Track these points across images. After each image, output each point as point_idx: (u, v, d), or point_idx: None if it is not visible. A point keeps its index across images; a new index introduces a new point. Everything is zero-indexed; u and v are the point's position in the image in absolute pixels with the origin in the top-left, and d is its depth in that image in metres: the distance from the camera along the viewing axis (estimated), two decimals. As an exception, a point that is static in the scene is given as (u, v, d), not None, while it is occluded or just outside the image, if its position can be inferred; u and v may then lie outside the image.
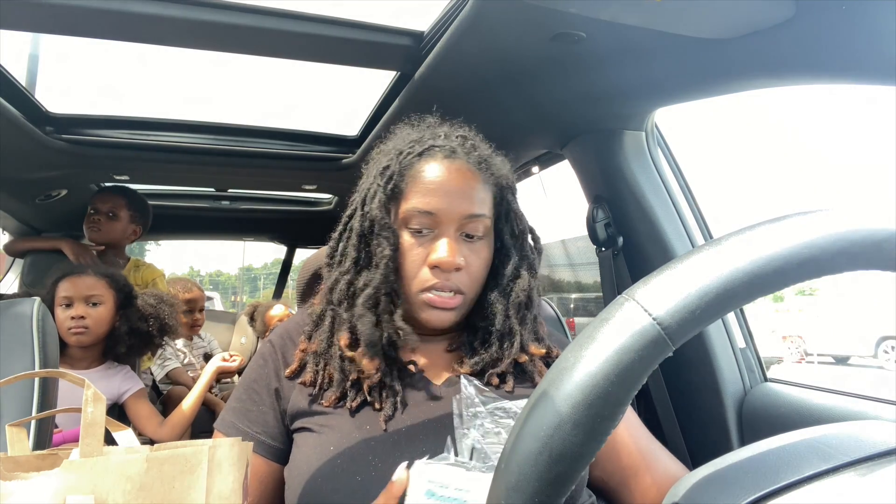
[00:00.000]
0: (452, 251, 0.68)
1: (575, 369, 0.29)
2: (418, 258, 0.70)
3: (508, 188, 0.76)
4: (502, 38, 0.99)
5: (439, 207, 0.69)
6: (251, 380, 0.75)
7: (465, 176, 0.71)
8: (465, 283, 0.70)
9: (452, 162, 0.72)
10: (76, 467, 0.39)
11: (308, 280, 1.31)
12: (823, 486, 0.29)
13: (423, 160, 0.72)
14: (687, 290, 0.29)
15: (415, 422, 0.68)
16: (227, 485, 0.46)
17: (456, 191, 0.70)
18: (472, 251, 0.71)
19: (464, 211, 0.70)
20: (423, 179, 0.71)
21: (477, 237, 0.72)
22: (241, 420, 0.71)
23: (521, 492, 0.28)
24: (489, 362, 0.72)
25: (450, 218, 0.69)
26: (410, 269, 0.70)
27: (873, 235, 0.29)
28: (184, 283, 2.54)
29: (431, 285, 0.69)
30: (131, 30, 1.03)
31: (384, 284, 0.70)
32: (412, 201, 0.70)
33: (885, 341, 9.26)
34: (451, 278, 0.69)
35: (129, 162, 1.80)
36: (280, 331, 0.80)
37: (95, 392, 0.44)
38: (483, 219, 0.71)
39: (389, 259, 0.70)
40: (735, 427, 1.16)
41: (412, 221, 0.70)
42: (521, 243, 0.77)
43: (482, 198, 0.72)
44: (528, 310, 0.75)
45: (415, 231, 0.71)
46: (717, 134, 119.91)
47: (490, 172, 0.74)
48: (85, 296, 1.47)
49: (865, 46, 0.78)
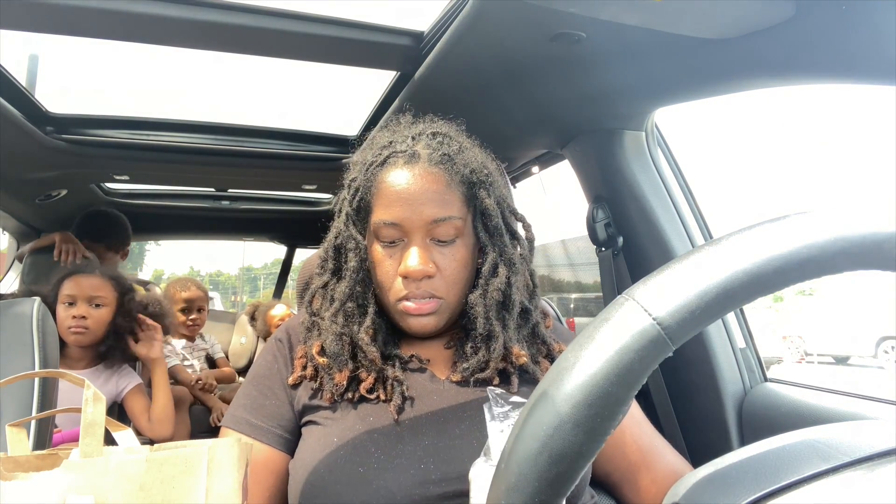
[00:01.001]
0: (420, 259, 0.68)
1: (575, 369, 0.29)
2: (391, 269, 0.70)
3: (479, 183, 0.73)
4: (502, 38, 0.99)
5: (403, 216, 0.68)
6: (261, 376, 0.75)
7: (426, 180, 0.69)
8: (441, 289, 0.70)
9: (413, 167, 0.70)
10: (76, 467, 0.39)
11: (308, 280, 1.31)
12: (823, 486, 0.29)
13: (385, 169, 0.71)
14: (687, 290, 0.29)
15: (418, 414, 0.68)
16: (226, 485, 0.46)
17: (418, 197, 0.68)
18: (446, 255, 0.70)
19: (428, 216, 0.68)
20: (386, 190, 0.70)
21: (449, 240, 0.70)
22: (256, 416, 0.71)
23: (521, 492, 0.28)
24: (476, 368, 0.71)
25: (415, 226, 0.69)
26: (384, 280, 0.71)
27: (873, 235, 0.29)
28: (183, 281, 2.53)
29: (404, 295, 0.69)
30: (131, 30, 1.03)
31: (349, 298, 0.71)
32: (378, 213, 0.71)
33: (885, 341, 9.26)
34: (421, 286, 0.69)
35: (129, 162, 1.80)
36: (285, 329, 0.80)
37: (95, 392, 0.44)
38: (452, 220, 0.69)
39: (355, 271, 0.71)
40: (735, 427, 1.16)
41: (381, 233, 0.71)
42: (497, 239, 0.74)
43: (447, 199, 0.69)
44: (507, 309, 0.73)
45: (385, 243, 0.71)
46: (718, 134, 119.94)
47: (455, 170, 0.71)
48: (89, 296, 1.47)
49: (865, 46, 0.78)
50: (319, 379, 0.71)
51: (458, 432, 0.66)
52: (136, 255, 26.67)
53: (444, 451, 0.65)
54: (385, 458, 0.63)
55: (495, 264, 0.73)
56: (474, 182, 0.73)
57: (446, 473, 0.63)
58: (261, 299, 3.28)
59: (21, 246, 2.49)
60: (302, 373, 0.73)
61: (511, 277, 0.73)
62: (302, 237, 3.28)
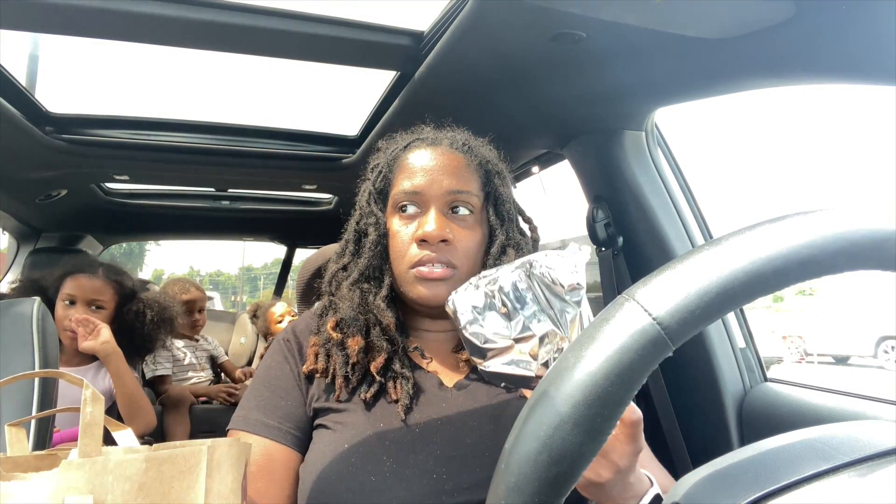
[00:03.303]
0: (438, 224, 0.70)
1: (575, 369, 0.29)
2: (406, 237, 0.73)
3: (495, 172, 0.78)
4: (502, 39, 0.99)
5: (423, 185, 0.72)
6: (272, 376, 0.75)
7: (447, 156, 0.75)
8: (456, 257, 0.71)
9: (435, 148, 0.76)
10: (75, 467, 0.39)
11: (308, 280, 1.30)
12: (823, 486, 0.29)
13: (408, 150, 0.77)
14: (687, 290, 0.29)
15: (428, 421, 0.68)
16: (226, 484, 0.46)
17: (439, 168, 0.73)
18: (462, 226, 0.73)
19: (447, 186, 0.72)
20: (408, 165, 0.75)
21: (466, 213, 0.73)
22: (270, 416, 0.71)
23: (521, 492, 0.28)
24: None
25: (435, 194, 0.72)
26: (400, 248, 0.73)
27: (873, 235, 0.29)
28: (182, 283, 2.50)
29: (418, 260, 0.71)
30: (131, 30, 1.03)
31: (368, 268, 0.74)
32: (398, 186, 0.75)
33: (885, 341, 9.26)
34: (439, 251, 0.70)
35: (128, 162, 1.80)
36: (291, 329, 0.80)
37: (94, 392, 0.44)
38: (469, 195, 0.73)
39: (374, 243, 0.74)
40: (735, 427, 1.16)
41: (400, 203, 0.74)
42: (507, 225, 0.78)
43: (466, 176, 0.74)
44: None
45: (403, 213, 0.74)
46: (718, 134, 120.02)
47: (474, 154, 0.77)
48: (90, 298, 1.47)
49: (865, 46, 0.78)
50: (331, 373, 0.71)
51: (470, 441, 0.66)
52: (136, 255, 26.67)
53: (457, 460, 0.64)
54: (397, 467, 0.63)
55: (504, 246, 0.76)
56: (490, 171, 0.78)
57: (458, 484, 0.63)
58: (261, 299, 3.27)
59: (21, 246, 2.49)
60: (314, 365, 0.73)
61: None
62: (302, 237, 3.28)
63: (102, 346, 1.41)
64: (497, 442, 0.64)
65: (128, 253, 21.73)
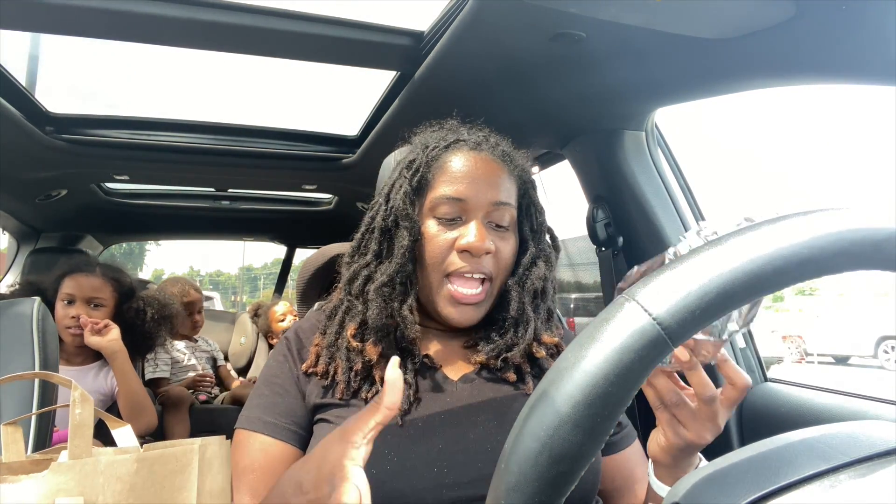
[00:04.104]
0: (482, 235, 0.69)
1: (575, 369, 0.29)
2: (445, 244, 0.71)
3: (530, 182, 0.79)
4: (502, 38, 0.99)
5: (468, 194, 0.71)
6: (272, 375, 0.75)
7: (491, 166, 0.73)
8: (495, 269, 0.71)
9: (479, 153, 0.74)
10: (65, 469, 0.39)
11: (308, 280, 1.31)
12: (823, 486, 0.29)
13: (450, 152, 0.74)
14: (687, 290, 0.29)
15: (431, 414, 0.68)
16: (217, 482, 0.46)
17: (484, 179, 0.72)
18: (501, 238, 0.72)
19: (492, 198, 0.71)
20: (451, 168, 0.72)
21: (504, 226, 0.73)
22: (270, 414, 0.71)
23: (522, 492, 0.28)
24: (504, 348, 0.72)
25: (478, 205, 0.71)
26: (436, 254, 0.71)
27: (873, 235, 0.29)
28: (181, 285, 2.46)
29: (457, 269, 0.70)
30: (131, 30, 1.03)
31: (399, 273, 0.71)
32: (439, 190, 0.72)
33: (885, 341, 9.26)
34: (480, 262, 0.70)
35: (128, 162, 1.80)
36: (295, 329, 0.80)
37: (83, 393, 0.44)
38: (509, 208, 0.73)
39: (408, 249, 0.70)
40: (735, 427, 1.16)
41: (439, 209, 0.71)
42: (539, 236, 0.78)
43: (508, 188, 0.74)
44: (542, 299, 0.76)
45: (441, 219, 0.72)
46: (718, 134, 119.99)
47: (514, 165, 0.77)
48: (88, 297, 1.47)
49: (865, 46, 0.78)
50: (331, 375, 0.71)
51: (473, 436, 0.66)
52: (136, 255, 26.66)
53: (458, 454, 0.64)
54: (398, 460, 0.63)
55: (535, 257, 0.76)
56: (525, 181, 0.78)
57: (459, 478, 0.63)
58: (262, 299, 3.27)
59: (21, 246, 2.49)
60: (314, 368, 0.72)
61: (548, 272, 0.76)
62: (302, 237, 3.27)
63: (109, 344, 1.43)
64: (500, 437, 0.64)
65: (128, 253, 21.72)
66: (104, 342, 1.42)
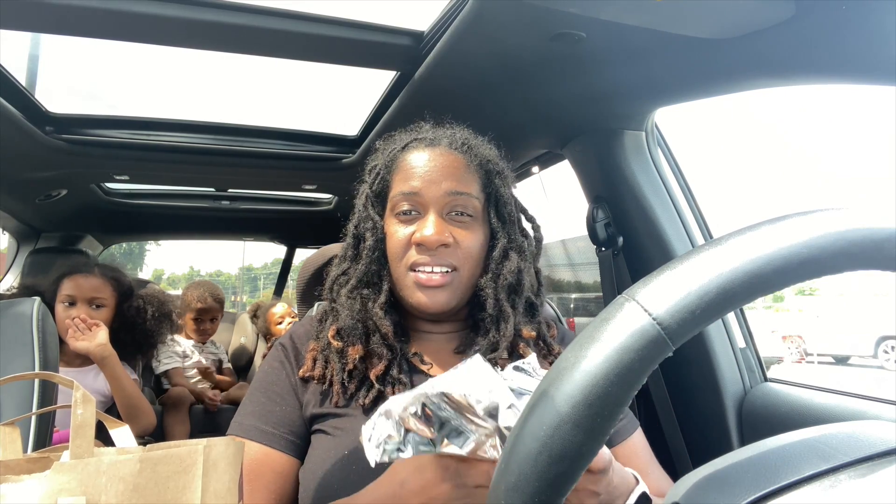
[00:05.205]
0: (436, 228, 0.69)
1: (575, 369, 0.29)
2: (404, 239, 0.72)
3: (496, 172, 0.77)
4: (502, 38, 0.98)
5: (421, 187, 0.71)
6: (268, 382, 0.74)
7: (448, 158, 0.73)
8: (458, 259, 0.71)
9: (434, 147, 0.75)
10: (67, 469, 0.39)
11: (308, 280, 1.31)
12: (823, 486, 0.29)
13: (406, 151, 0.76)
14: (687, 290, 0.29)
15: None
16: (222, 484, 0.46)
17: (438, 170, 0.72)
18: (463, 228, 0.72)
19: (447, 188, 0.71)
20: (406, 166, 0.74)
21: (467, 215, 0.72)
22: (265, 422, 0.71)
23: (521, 492, 0.28)
24: (488, 347, 0.72)
25: (433, 197, 0.71)
26: (396, 250, 0.72)
27: (873, 235, 0.29)
28: (202, 290, 2.41)
29: (414, 262, 0.70)
30: (131, 30, 1.03)
31: (366, 273, 0.73)
32: (396, 188, 0.73)
33: (885, 341, 9.27)
34: (437, 255, 0.70)
35: (128, 162, 1.80)
36: (290, 335, 0.80)
37: (85, 393, 0.43)
38: (469, 197, 0.72)
39: (372, 249, 0.73)
40: (735, 427, 1.16)
41: (398, 207, 0.73)
42: (509, 227, 0.77)
43: (467, 177, 0.73)
44: (518, 293, 0.75)
45: (401, 215, 0.73)
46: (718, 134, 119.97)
47: (474, 154, 0.76)
48: (89, 297, 1.47)
49: (865, 46, 0.78)
50: (328, 380, 0.71)
51: None
52: (136, 255, 26.66)
53: None
54: None
55: (506, 249, 0.75)
56: (490, 171, 0.77)
57: None
58: (262, 300, 3.27)
59: (21, 246, 2.49)
60: (312, 371, 0.72)
61: (521, 263, 0.75)
62: (302, 237, 3.27)
63: (97, 349, 1.40)
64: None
65: (128, 253, 21.72)
66: (92, 346, 1.39)
